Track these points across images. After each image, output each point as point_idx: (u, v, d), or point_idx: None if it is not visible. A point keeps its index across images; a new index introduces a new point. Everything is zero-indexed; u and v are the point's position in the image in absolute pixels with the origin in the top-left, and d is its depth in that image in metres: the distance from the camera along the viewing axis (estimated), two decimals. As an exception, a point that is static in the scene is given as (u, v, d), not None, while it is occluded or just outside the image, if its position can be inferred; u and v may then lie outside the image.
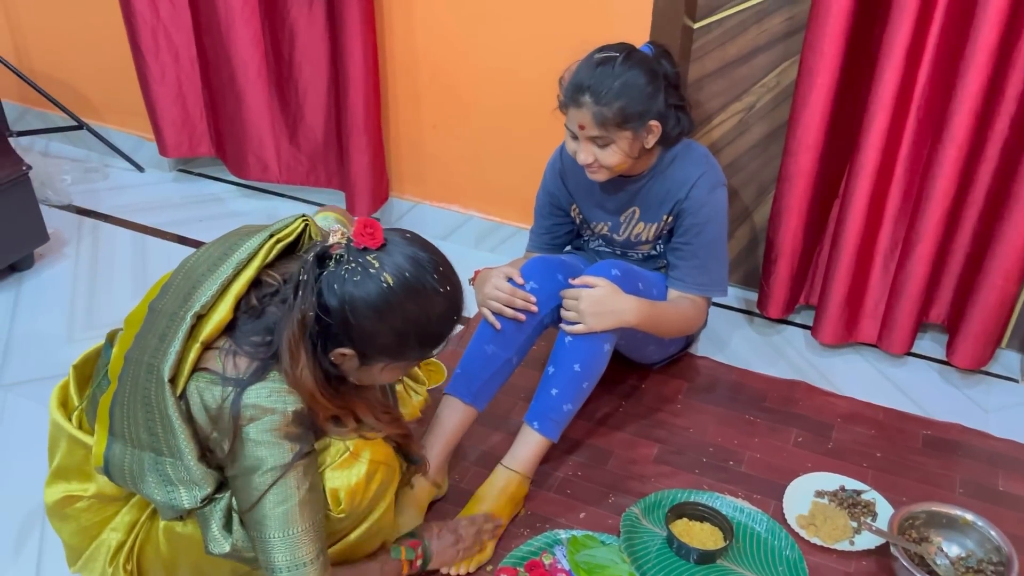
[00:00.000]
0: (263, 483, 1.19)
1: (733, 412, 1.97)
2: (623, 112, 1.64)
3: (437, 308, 1.24)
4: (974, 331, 1.99)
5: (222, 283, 1.21)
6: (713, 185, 1.79)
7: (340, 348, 1.22)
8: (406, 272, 1.21)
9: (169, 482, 1.23)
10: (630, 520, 1.64)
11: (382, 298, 1.19)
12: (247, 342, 1.22)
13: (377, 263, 1.20)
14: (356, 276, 1.19)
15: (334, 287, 1.20)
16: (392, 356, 1.26)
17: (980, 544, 1.59)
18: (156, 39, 2.61)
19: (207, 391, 1.19)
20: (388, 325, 1.21)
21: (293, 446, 1.21)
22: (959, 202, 1.93)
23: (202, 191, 2.87)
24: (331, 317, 1.20)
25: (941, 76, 1.81)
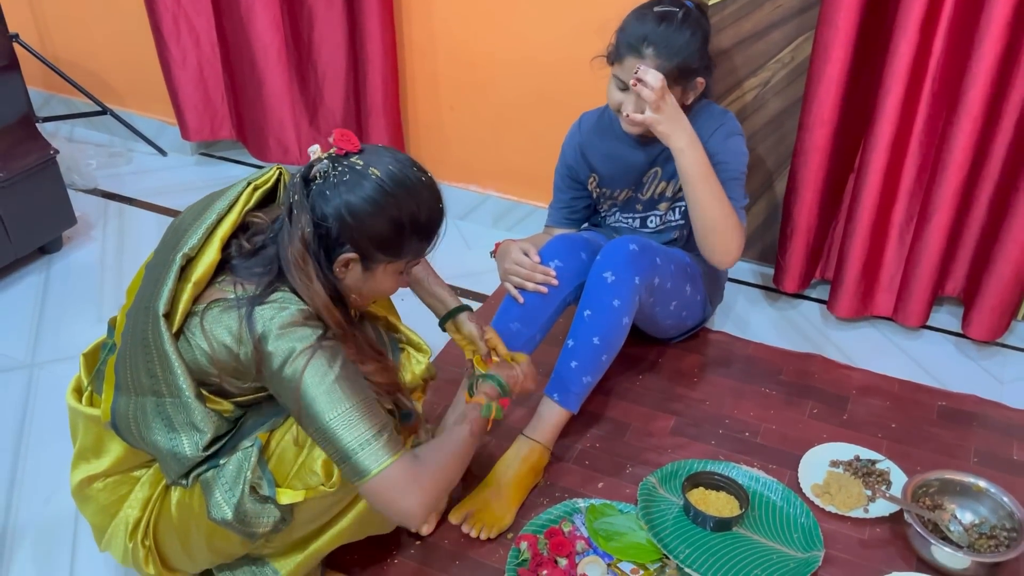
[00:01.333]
0: (297, 368, 1.21)
1: (749, 385, 2.00)
2: (681, 68, 1.68)
3: (424, 196, 1.29)
4: (990, 303, 2.01)
5: (207, 227, 1.27)
6: (729, 132, 1.81)
7: (343, 255, 1.26)
8: (391, 166, 1.26)
9: (171, 427, 1.26)
10: (647, 489, 1.68)
11: (375, 190, 1.24)
12: (250, 273, 1.27)
13: (362, 162, 1.25)
14: (346, 177, 1.24)
15: (326, 194, 1.24)
16: (392, 252, 1.30)
17: (993, 511, 1.62)
18: (177, 24, 2.65)
19: (225, 316, 1.24)
20: (385, 217, 1.25)
21: (315, 330, 1.24)
22: (974, 175, 1.94)
23: (224, 174, 2.92)
24: (329, 224, 1.24)
25: (956, 48, 1.82)
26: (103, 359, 1.40)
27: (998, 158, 1.92)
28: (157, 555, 1.40)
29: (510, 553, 1.57)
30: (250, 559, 1.45)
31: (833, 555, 1.59)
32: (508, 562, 1.56)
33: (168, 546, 1.40)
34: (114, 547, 1.41)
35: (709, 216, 1.75)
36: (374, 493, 1.24)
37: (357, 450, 1.22)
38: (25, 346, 2.13)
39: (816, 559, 1.56)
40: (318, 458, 1.30)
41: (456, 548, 1.61)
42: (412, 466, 1.25)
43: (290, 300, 1.25)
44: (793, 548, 1.59)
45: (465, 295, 2.34)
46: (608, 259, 1.74)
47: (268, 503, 1.30)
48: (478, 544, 1.61)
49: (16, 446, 1.84)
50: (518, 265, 1.78)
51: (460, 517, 1.63)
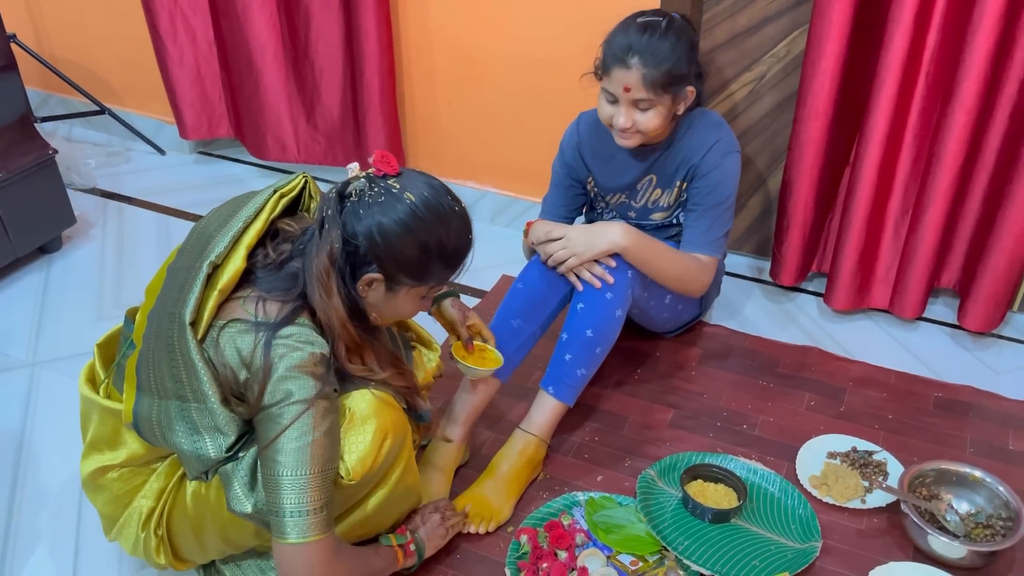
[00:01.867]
0: (287, 415, 1.22)
1: (746, 378, 2.01)
2: (670, 75, 1.68)
3: (455, 224, 1.33)
4: (985, 294, 2.02)
5: (233, 235, 1.28)
6: (726, 151, 1.82)
7: (368, 274, 1.29)
8: (425, 192, 1.29)
9: (195, 430, 1.27)
10: (646, 482, 1.69)
11: (408, 214, 1.26)
12: (274, 288, 1.28)
13: (398, 185, 1.28)
14: (381, 198, 1.26)
15: (359, 213, 1.26)
16: (416, 277, 1.32)
17: (989, 500, 1.63)
18: (174, 23, 2.66)
19: (240, 338, 1.24)
20: (413, 241, 1.28)
21: (317, 383, 1.25)
22: (968, 167, 1.95)
23: (222, 172, 2.93)
24: (359, 242, 1.26)
25: (949, 41, 1.83)
26: (122, 353, 1.40)
27: (992, 150, 1.93)
28: (169, 545, 1.42)
29: (510, 546, 1.59)
30: (256, 553, 1.46)
31: (831, 545, 1.61)
32: (508, 555, 1.57)
33: (181, 536, 1.41)
34: (125, 536, 1.43)
35: (669, 281, 1.84)
36: (285, 559, 1.25)
37: (292, 514, 1.23)
38: (26, 345, 2.14)
39: (814, 549, 1.57)
40: (343, 451, 1.31)
41: (455, 542, 1.62)
42: (330, 553, 1.27)
43: (306, 337, 1.25)
44: (791, 539, 1.60)
45: (464, 291, 2.35)
46: None
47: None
48: (477, 538, 1.62)
49: (18, 444, 1.85)
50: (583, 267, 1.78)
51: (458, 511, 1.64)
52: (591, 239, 1.74)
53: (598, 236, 1.74)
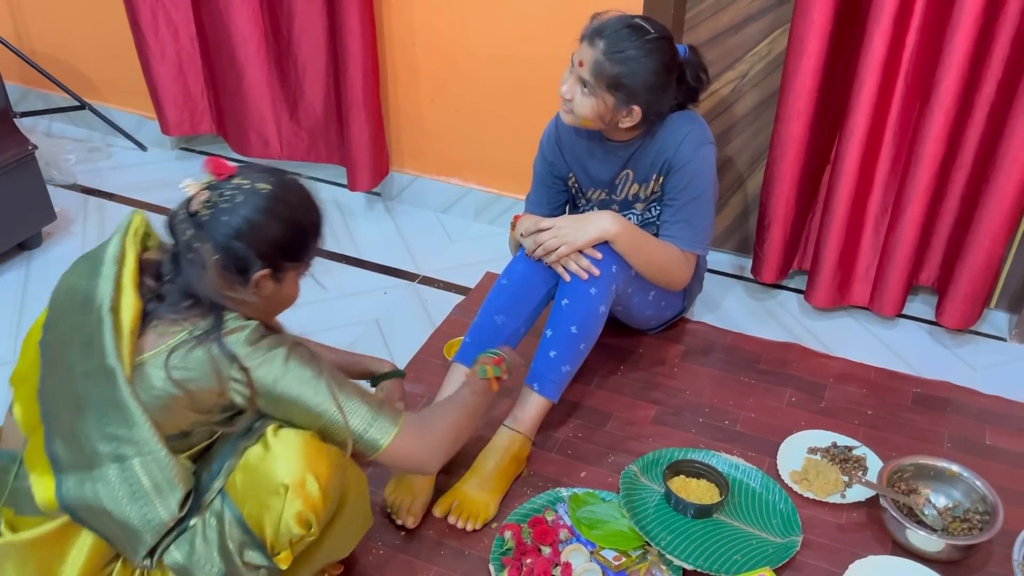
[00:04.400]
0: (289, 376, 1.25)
1: (728, 374, 2.03)
2: (618, 79, 1.68)
3: (308, 196, 1.34)
4: (963, 292, 2.04)
5: (114, 277, 1.24)
6: (700, 143, 1.82)
7: (254, 274, 1.27)
8: (271, 177, 1.29)
9: (141, 494, 1.20)
10: (629, 478, 1.70)
11: (270, 201, 1.26)
12: (180, 309, 1.25)
13: (245, 181, 1.27)
14: (238, 198, 1.25)
15: (221, 219, 1.24)
16: (296, 257, 1.32)
17: (967, 495, 1.65)
18: (155, 17, 2.64)
19: (192, 357, 1.22)
20: (284, 223, 1.27)
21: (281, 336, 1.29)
22: (947, 166, 1.98)
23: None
24: (234, 247, 1.24)
25: (929, 41, 1.85)
26: (10, 471, 1.28)
27: (970, 149, 1.95)
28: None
29: (494, 542, 1.59)
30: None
31: (811, 540, 1.62)
32: (492, 551, 1.58)
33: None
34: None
35: (653, 272, 1.86)
36: (388, 459, 1.35)
37: (367, 428, 1.30)
38: (6, 343, 2.13)
39: (795, 544, 1.59)
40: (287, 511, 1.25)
41: (441, 538, 1.63)
42: (417, 429, 1.36)
43: (241, 322, 1.26)
44: (772, 533, 1.62)
45: (448, 288, 2.35)
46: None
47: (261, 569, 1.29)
48: (463, 534, 1.63)
49: None
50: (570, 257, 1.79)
51: (444, 508, 1.65)
52: (581, 227, 1.75)
53: (588, 224, 1.75)
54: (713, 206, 1.88)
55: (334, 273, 2.41)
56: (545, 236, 1.76)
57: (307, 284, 1.41)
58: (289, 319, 1.97)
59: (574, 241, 1.74)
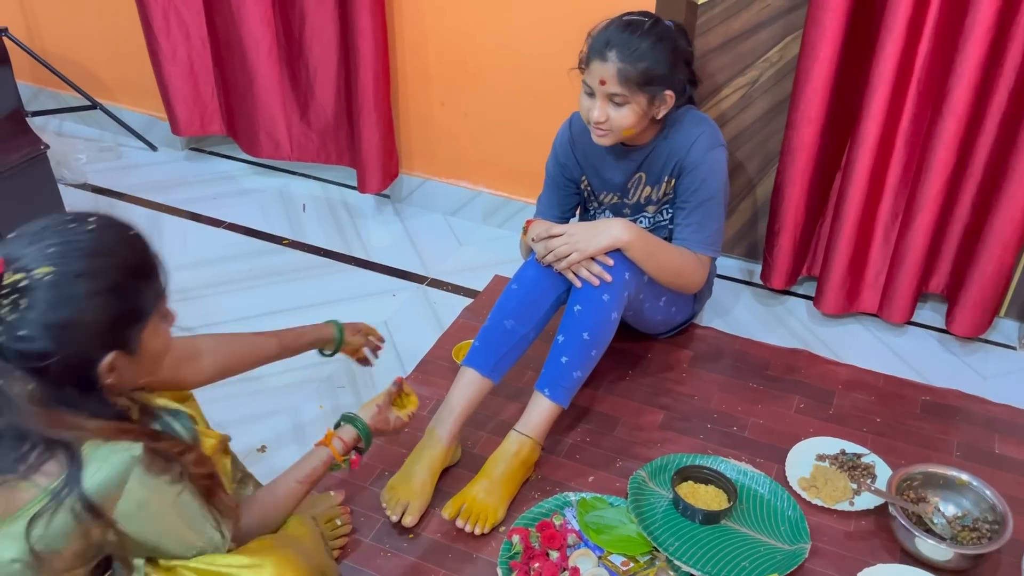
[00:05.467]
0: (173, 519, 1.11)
1: (737, 380, 2.03)
2: (646, 73, 1.69)
3: (109, 239, 1.06)
4: (973, 300, 2.04)
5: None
6: (710, 145, 1.82)
7: (100, 364, 1.04)
8: (49, 248, 1.01)
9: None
10: (637, 483, 1.70)
11: (67, 288, 1.00)
12: (15, 464, 1.01)
13: (21, 276, 1.00)
14: (21, 303, 0.99)
15: (21, 336, 0.99)
16: (137, 317, 1.08)
17: (976, 504, 1.65)
18: (167, 18, 2.65)
19: (53, 523, 1.00)
20: (95, 299, 1.02)
21: (170, 478, 1.09)
22: (958, 174, 1.97)
23: (214, 169, 2.92)
24: (55, 357, 1.00)
25: (941, 49, 1.84)
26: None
27: (981, 157, 1.95)
28: None
29: (502, 546, 1.59)
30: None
31: (819, 547, 1.62)
32: (500, 555, 1.58)
33: None
34: None
35: (667, 278, 1.85)
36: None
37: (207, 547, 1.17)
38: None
39: (803, 551, 1.59)
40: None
41: (448, 542, 1.63)
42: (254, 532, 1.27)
43: (112, 454, 1.03)
44: (780, 540, 1.62)
45: (456, 291, 2.35)
46: None
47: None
48: (470, 538, 1.63)
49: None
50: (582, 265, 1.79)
51: (453, 511, 1.65)
52: (593, 234, 1.75)
53: (600, 232, 1.75)
54: (724, 209, 1.88)
55: (343, 275, 2.42)
56: (557, 242, 1.76)
57: (316, 288, 1.38)
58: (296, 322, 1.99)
59: (585, 248, 1.74)
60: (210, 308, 2.26)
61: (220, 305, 2.28)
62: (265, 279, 2.40)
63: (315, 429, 1.88)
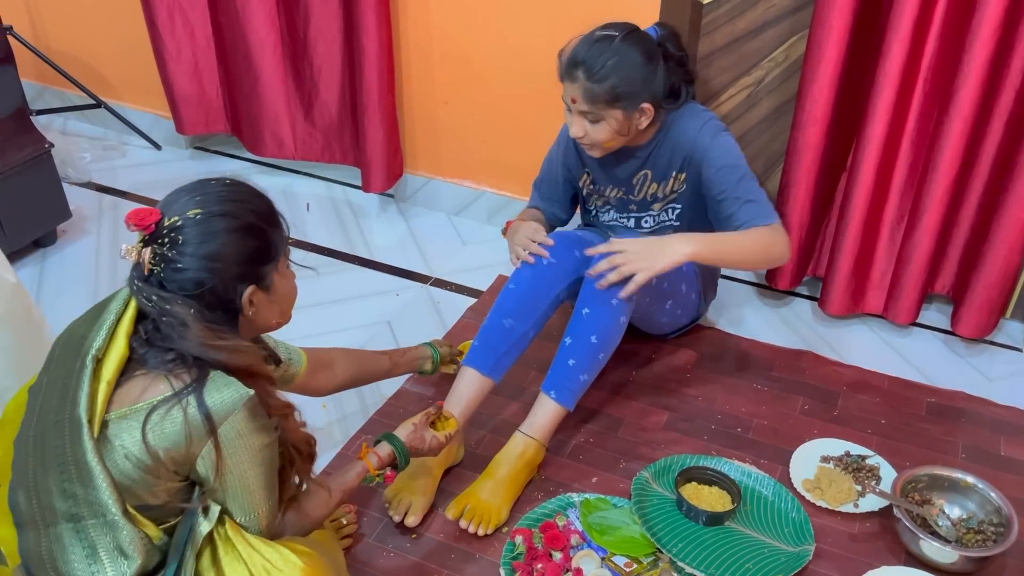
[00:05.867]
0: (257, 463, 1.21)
1: (741, 381, 2.02)
2: (613, 91, 1.68)
3: (244, 192, 1.26)
4: (978, 301, 2.03)
5: (109, 326, 1.20)
6: (714, 133, 1.81)
7: (242, 296, 1.22)
8: (196, 197, 1.21)
9: (94, 555, 1.15)
10: (641, 484, 1.70)
11: (212, 223, 1.19)
12: (166, 362, 1.19)
13: (177, 218, 1.19)
14: (179, 240, 1.18)
15: (178, 267, 1.18)
16: (270, 256, 1.26)
17: (981, 506, 1.64)
18: (172, 17, 2.65)
19: (167, 420, 1.15)
20: (239, 235, 1.21)
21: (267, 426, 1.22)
22: (964, 175, 1.96)
23: (219, 168, 2.92)
24: (208, 285, 1.19)
25: (947, 50, 1.84)
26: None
27: (988, 158, 1.94)
28: None
29: (505, 547, 1.59)
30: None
31: (823, 549, 1.62)
32: (503, 556, 1.58)
33: None
34: None
35: (750, 263, 1.94)
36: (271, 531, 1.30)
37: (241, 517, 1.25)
38: (20, 339, 2.13)
39: (807, 553, 1.58)
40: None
41: (452, 542, 1.62)
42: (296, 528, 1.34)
43: (231, 387, 1.19)
44: (784, 542, 1.61)
45: (460, 291, 2.35)
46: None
47: None
48: (474, 538, 1.63)
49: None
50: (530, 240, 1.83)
51: (457, 512, 1.65)
52: (657, 252, 1.68)
53: (664, 250, 1.69)
54: (755, 178, 1.83)
55: (347, 274, 2.42)
56: (619, 259, 1.69)
57: (320, 287, 1.40)
58: (301, 321, 1.97)
59: (652, 267, 1.68)
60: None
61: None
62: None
63: (319, 431, 1.88)
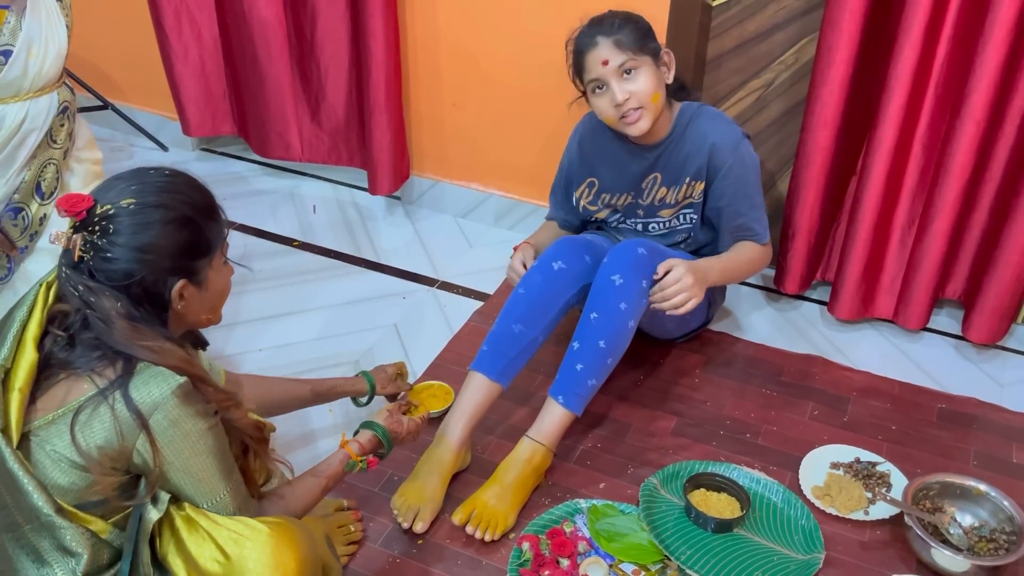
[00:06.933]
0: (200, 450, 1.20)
1: (750, 386, 2.01)
2: (637, 33, 1.74)
3: (182, 183, 1.24)
4: (990, 306, 2.01)
5: (14, 334, 1.18)
6: (734, 143, 1.83)
7: (172, 289, 1.21)
8: (132, 186, 1.19)
9: (39, 559, 1.16)
10: (649, 490, 1.68)
11: (145, 214, 1.17)
12: (91, 360, 1.17)
13: (109, 206, 1.17)
14: (110, 229, 1.16)
15: (108, 256, 1.16)
16: (205, 251, 1.24)
17: (993, 514, 1.62)
18: (179, 19, 2.65)
19: (95, 418, 1.14)
20: (173, 227, 1.19)
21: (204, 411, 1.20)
22: (976, 178, 1.95)
23: (225, 170, 2.92)
24: (137, 277, 1.17)
25: (959, 52, 1.82)
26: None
27: (1000, 162, 1.92)
28: None
29: (512, 553, 1.58)
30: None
31: (833, 557, 1.60)
32: (510, 562, 1.56)
33: None
34: None
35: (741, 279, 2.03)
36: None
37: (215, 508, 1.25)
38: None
39: (817, 561, 1.57)
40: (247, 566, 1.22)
41: (458, 547, 1.61)
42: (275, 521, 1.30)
43: (158, 377, 1.17)
44: (794, 550, 1.60)
45: (467, 294, 2.34)
46: (616, 262, 1.74)
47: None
48: (480, 544, 1.62)
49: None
50: (514, 272, 1.88)
51: (463, 517, 1.64)
52: (702, 281, 1.77)
53: (702, 279, 1.77)
54: (762, 196, 1.91)
55: (353, 277, 2.41)
56: (673, 288, 1.73)
57: (326, 290, 1.40)
58: (307, 323, 1.97)
59: (699, 294, 1.75)
60: (220, 310, 2.25)
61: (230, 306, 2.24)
62: (275, 280, 2.39)
63: (324, 434, 1.87)
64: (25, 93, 1.79)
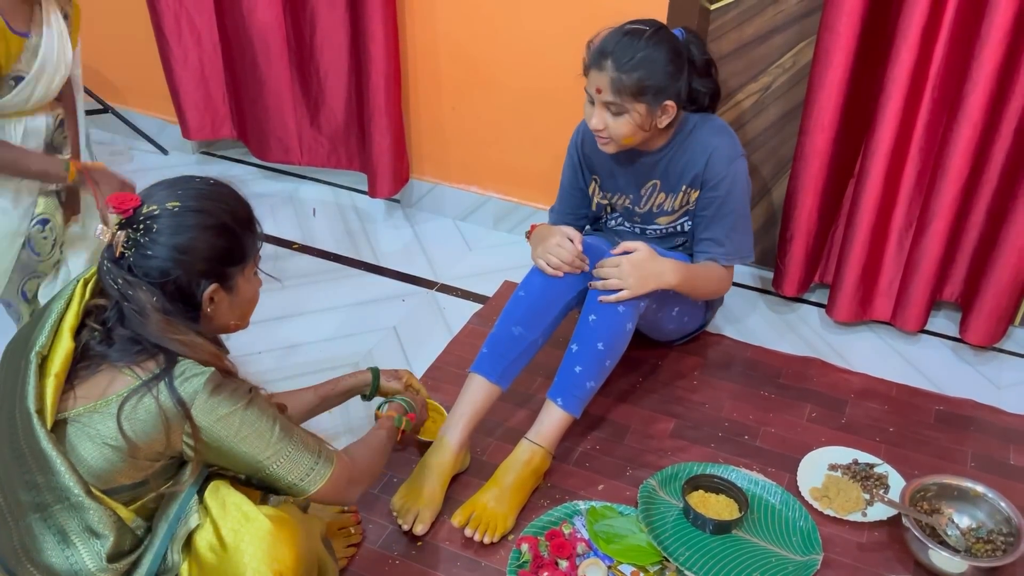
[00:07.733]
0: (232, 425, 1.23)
1: (748, 388, 2.01)
2: (641, 84, 1.68)
3: (225, 193, 1.30)
4: (987, 309, 2.02)
5: (52, 324, 1.22)
6: (732, 157, 1.82)
7: (204, 292, 1.25)
8: (178, 191, 1.25)
9: (64, 539, 1.18)
10: (647, 492, 1.69)
11: (187, 217, 1.22)
12: (129, 352, 1.22)
13: (154, 207, 1.22)
14: (153, 228, 1.21)
15: (148, 254, 1.21)
16: (239, 259, 1.29)
17: (990, 515, 1.63)
18: (179, 23, 2.65)
19: (140, 406, 1.18)
20: (212, 232, 1.24)
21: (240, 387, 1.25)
22: (973, 181, 1.95)
23: (225, 173, 2.92)
24: (171, 276, 1.22)
25: (956, 56, 1.83)
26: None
27: (997, 164, 1.93)
28: None
29: (511, 555, 1.58)
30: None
31: (831, 559, 1.61)
32: (509, 564, 1.57)
33: None
34: None
35: (707, 296, 1.97)
36: (317, 499, 1.34)
37: (304, 478, 1.30)
38: (27, 344, 2.13)
39: (815, 562, 1.57)
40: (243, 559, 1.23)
41: (457, 549, 1.62)
42: (347, 471, 1.36)
43: (194, 368, 1.22)
44: (792, 551, 1.60)
45: (466, 296, 2.35)
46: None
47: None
48: (479, 546, 1.62)
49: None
50: (561, 248, 1.79)
51: (462, 519, 1.64)
52: (646, 278, 1.73)
53: (651, 277, 1.74)
54: (750, 218, 1.89)
55: (352, 280, 2.42)
56: (612, 272, 1.73)
57: (326, 293, 1.40)
58: (306, 326, 1.97)
59: (637, 289, 1.72)
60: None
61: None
62: (275, 283, 2.39)
63: (329, 436, 1.87)
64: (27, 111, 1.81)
